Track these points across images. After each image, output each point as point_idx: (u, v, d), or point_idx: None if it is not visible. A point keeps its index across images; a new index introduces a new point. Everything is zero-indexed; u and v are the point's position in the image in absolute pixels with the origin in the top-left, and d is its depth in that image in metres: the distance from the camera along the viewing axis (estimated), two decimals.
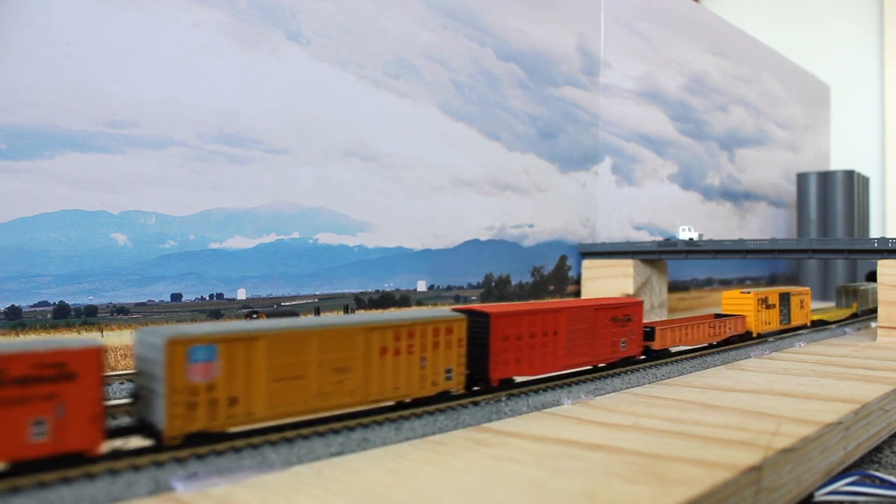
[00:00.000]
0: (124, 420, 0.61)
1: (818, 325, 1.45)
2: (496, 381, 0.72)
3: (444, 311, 0.69)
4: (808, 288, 1.40)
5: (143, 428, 0.52)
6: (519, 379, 0.75)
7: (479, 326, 0.71)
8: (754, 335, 1.19)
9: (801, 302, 1.36)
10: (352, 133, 1.27)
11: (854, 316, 1.64)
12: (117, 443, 0.50)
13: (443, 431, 0.64)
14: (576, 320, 0.81)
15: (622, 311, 0.88)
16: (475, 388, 0.71)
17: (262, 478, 0.51)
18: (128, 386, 0.82)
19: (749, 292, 1.18)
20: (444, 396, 0.67)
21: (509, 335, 0.73)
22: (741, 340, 1.17)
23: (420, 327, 0.64)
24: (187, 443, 0.51)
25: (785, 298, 1.29)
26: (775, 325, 1.26)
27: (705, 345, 1.10)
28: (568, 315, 0.80)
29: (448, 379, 0.67)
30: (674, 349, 1.02)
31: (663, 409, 0.73)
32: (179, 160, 1.05)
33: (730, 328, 1.14)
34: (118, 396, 0.80)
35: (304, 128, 1.20)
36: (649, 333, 0.96)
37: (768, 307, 1.23)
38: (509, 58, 1.57)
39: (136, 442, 0.51)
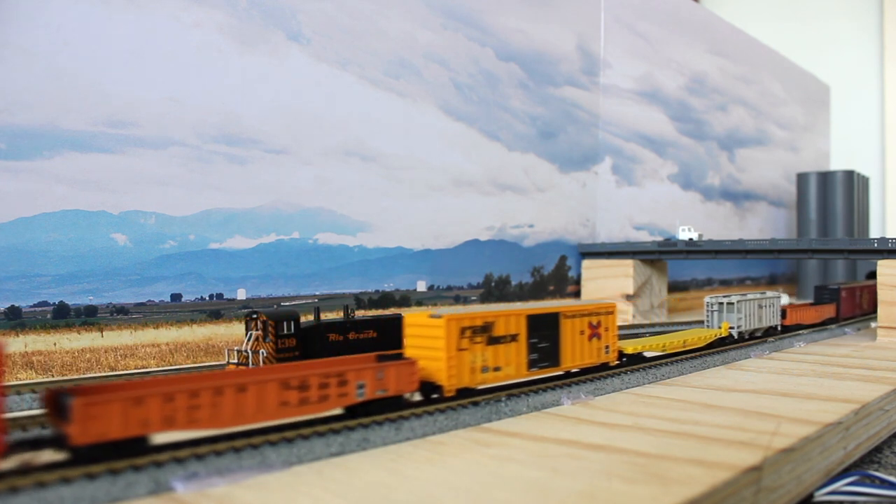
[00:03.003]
0: None
1: (636, 360, 0.92)
2: None
3: None
4: (612, 304, 0.87)
5: None
6: None
7: None
8: (446, 392, 0.67)
9: (594, 325, 0.84)
10: (352, 133, 1.27)
11: (726, 341, 1.13)
12: None
13: (443, 431, 0.63)
14: None
15: None
16: None
17: (262, 478, 0.51)
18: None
19: (440, 316, 0.66)
20: None
21: None
22: (408, 404, 0.65)
23: None
24: None
25: (546, 323, 0.77)
26: (516, 371, 0.74)
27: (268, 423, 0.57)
28: None
29: None
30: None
31: (663, 409, 0.73)
32: (179, 160, 1.05)
33: (351, 388, 0.60)
34: None
35: (304, 128, 1.20)
36: None
37: (493, 341, 0.71)
38: (509, 58, 1.57)
39: None
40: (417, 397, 0.68)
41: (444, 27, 1.43)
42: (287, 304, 1.18)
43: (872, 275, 1.68)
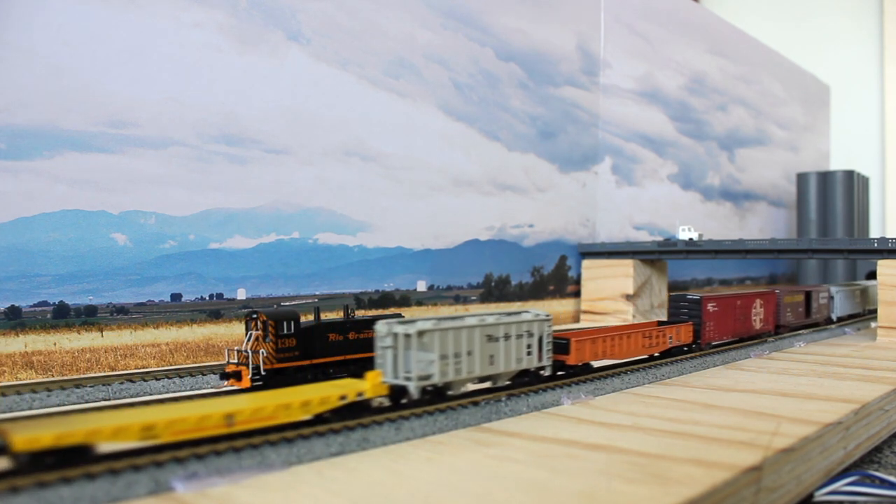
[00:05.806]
0: None
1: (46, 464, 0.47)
2: None
3: None
4: None
5: None
6: None
7: None
8: None
9: None
10: (352, 133, 1.27)
11: (397, 402, 0.65)
12: None
13: (443, 431, 0.63)
14: None
15: None
16: None
17: (262, 478, 0.51)
18: (126, 385, 0.82)
19: None
20: None
21: None
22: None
23: None
24: None
25: None
26: None
27: None
28: None
29: None
30: None
31: (663, 409, 0.73)
32: (179, 160, 1.05)
33: None
34: (116, 396, 0.80)
35: (304, 128, 1.20)
36: None
37: None
38: (509, 58, 1.57)
39: None
40: None
41: (444, 27, 1.43)
42: (287, 303, 1.18)
43: (872, 275, 1.68)
